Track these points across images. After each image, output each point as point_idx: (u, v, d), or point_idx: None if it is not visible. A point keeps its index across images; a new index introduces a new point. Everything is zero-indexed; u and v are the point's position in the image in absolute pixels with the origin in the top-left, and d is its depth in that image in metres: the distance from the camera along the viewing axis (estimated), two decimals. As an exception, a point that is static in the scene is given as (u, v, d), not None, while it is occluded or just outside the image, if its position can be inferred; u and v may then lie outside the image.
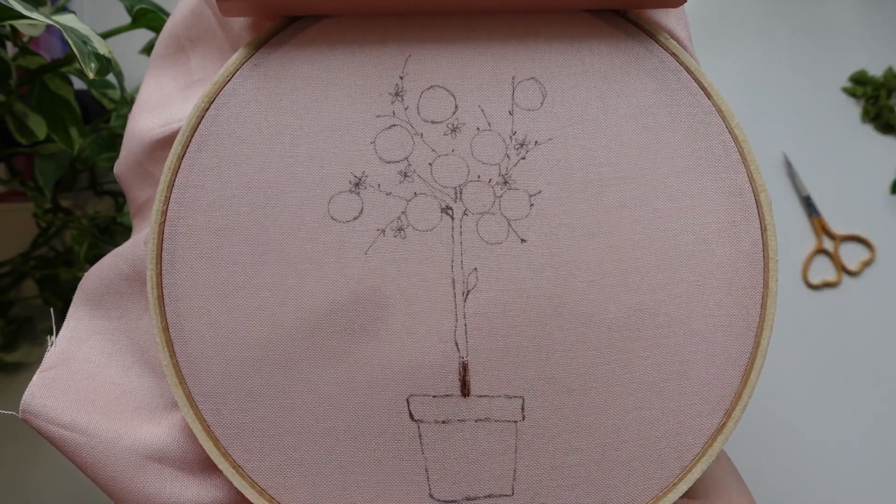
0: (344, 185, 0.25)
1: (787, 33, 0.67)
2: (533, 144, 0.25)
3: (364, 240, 0.25)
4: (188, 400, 0.24)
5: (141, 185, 0.29)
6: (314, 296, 0.24)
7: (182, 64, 0.29)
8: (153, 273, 0.24)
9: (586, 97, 0.25)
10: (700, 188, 0.25)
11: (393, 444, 0.24)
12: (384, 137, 0.25)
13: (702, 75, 0.26)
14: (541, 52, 0.26)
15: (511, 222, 0.25)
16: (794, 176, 0.62)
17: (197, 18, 0.28)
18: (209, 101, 0.25)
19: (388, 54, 0.25)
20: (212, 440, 0.23)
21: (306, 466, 0.24)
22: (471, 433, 0.24)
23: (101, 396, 0.25)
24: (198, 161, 0.25)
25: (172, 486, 0.24)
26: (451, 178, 0.25)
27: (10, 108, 0.41)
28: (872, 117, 0.63)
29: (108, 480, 0.23)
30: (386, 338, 0.24)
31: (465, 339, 0.24)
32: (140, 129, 0.28)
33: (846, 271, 0.60)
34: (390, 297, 0.24)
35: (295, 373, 0.24)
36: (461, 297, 0.25)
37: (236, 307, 0.24)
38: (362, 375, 0.24)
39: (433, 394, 0.24)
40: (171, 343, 0.24)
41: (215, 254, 0.24)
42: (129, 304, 0.27)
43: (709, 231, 0.25)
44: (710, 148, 0.25)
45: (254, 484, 0.24)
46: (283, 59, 0.25)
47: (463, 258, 0.25)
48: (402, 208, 0.25)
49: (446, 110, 0.25)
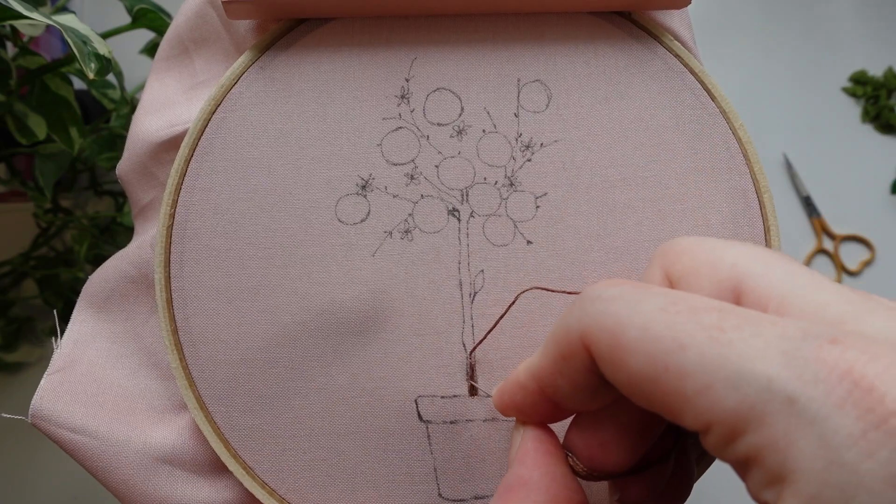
0: (351, 188, 0.25)
1: (787, 34, 0.67)
2: (538, 146, 0.25)
3: (371, 242, 0.25)
4: (198, 402, 0.24)
5: (144, 187, 0.29)
6: (322, 298, 0.24)
7: (186, 66, 0.29)
8: (162, 276, 0.24)
9: (591, 99, 0.26)
10: (704, 189, 0.25)
11: (402, 445, 0.24)
12: (391, 140, 0.25)
13: (706, 77, 0.26)
14: (546, 55, 0.26)
15: (517, 224, 0.25)
16: (795, 176, 0.63)
17: (201, 20, 0.28)
18: (216, 105, 0.25)
19: (393, 57, 0.25)
20: (222, 442, 0.24)
21: (316, 468, 0.24)
22: (479, 433, 0.24)
23: (109, 399, 0.25)
24: (205, 164, 0.25)
25: (184, 487, 0.24)
26: (458, 181, 0.25)
27: (10, 108, 0.40)
28: (872, 117, 0.64)
29: (120, 483, 0.23)
30: (394, 339, 0.24)
31: (472, 339, 0.24)
32: (144, 130, 0.28)
33: (846, 271, 0.61)
34: (398, 299, 0.24)
35: (304, 375, 0.24)
36: (468, 299, 0.25)
37: (245, 310, 0.24)
38: (371, 377, 0.24)
39: (441, 394, 0.24)
40: (180, 346, 0.24)
41: (223, 257, 0.24)
42: (135, 306, 0.27)
43: (712, 232, 0.25)
44: (713, 149, 0.25)
45: (264, 485, 0.24)
46: (289, 62, 0.25)
47: (470, 260, 0.25)
48: (409, 210, 0.25)
49: (452, 112, 0.25)
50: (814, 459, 0.11)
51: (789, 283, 0.14)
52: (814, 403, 0.11)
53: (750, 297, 0.14)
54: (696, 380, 0.12)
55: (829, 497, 0.11)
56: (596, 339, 0.14)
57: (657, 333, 0.13)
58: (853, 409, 0.11)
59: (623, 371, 0.14)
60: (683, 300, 0.14)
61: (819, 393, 0.11)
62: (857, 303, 0.13)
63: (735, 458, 0.12)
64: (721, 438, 0.12)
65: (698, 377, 0.12)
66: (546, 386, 0.16)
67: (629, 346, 0.13)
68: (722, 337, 0.12)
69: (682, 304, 0.13)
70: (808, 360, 0.11)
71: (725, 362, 0.12)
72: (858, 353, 0.11)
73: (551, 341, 0.16)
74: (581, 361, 0.15)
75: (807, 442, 0.11)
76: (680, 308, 0.13)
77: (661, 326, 0.13)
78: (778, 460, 0.11)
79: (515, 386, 0.17)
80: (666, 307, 0.13)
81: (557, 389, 0.16)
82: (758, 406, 0.12)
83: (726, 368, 0.12)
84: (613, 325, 0.14)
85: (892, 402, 0.11)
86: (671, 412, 0.13)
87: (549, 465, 0.16)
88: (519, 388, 0.17)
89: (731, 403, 0.12)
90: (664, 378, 0.13)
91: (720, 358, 0.12)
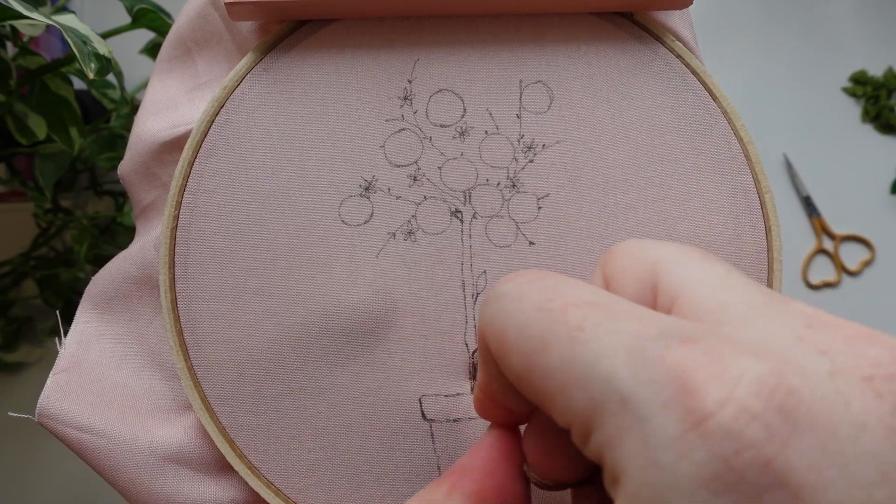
0: (354, 189, 0.25)
1: (788, 34, 0.67)
2: (540, 147, 0.25)
3: (374, 243, 0.25)
4: (203, 403, 0.24)
5: (146, 188, 0.29)
6: (326, 299, 0.24)
7: (188, 67, 0.29)
8: (166, 278, 0.24)
9: (593, 100, 0.26)
10: (705, 190, 0.25)
11: (406, 444, 0.24)
12: (393, 141, 0.25)
13: (707, 77, 0.26)
14: (548, 55, 0.26)
15: (519, 225, 0.25)
16: (795, 176, 0.63)
17: (203, 21, 0.28)
18: (219, 106, 0.25)
19: (396, 58, 0.26)
20: (228, 442, 0.24)
21: (320, 467, 0.24)
22: (481, 431, 0.24)
23: (115, 398, 0.25)
24: (208, 166, 0.25)
25: (191, 486, 0.24)
26: (460, 182, 0.25)
27: (10, 108, 0.40)
28: (872, 117, 0.64)
29: (128, 483, 0.23)
30: (397, 340, 0.24)
31: (474, 339, 0.24)
32: (146, 131, 0.28)
33: (846, 271, 0.61)
34: (401, 300, 0.24)
35: (308, 375, 0.24)
36: (471, 300, 0.25)
37: (249, 310, 0.24)
38: (374, 377, 0.24)
39: (444, 393, 0.24)
40: (185, 346, 0.24)
41: (227, 258, 0.24)
42: (139, 307, 0.27)
43: (714, 232, 0.25)
44: (715, 150, 0.25)
45: (269, 484, 0.24)
46: (292, 64, 0.25)
47: (472, 261, 0.25)
48: (412, 212, 0.25)
49: (455, 114, 0.25)
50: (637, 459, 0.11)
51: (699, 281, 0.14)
52: (643, 403, 0.11)
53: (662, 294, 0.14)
54: (556, 379, 0.12)
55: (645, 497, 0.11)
56: (490, 342, 0.14)
57: (530, 333, 0.13)
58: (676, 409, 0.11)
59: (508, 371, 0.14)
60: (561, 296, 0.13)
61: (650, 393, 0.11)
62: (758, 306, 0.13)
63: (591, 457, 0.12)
64: (578, 437, 0.12)
65: (557, 376, 0.12)
66: (484, 387, 0.16)
67: (509, 346, 0.13)
68: (580, 336, 0.12)
69: (558, 301, 0.13)
70: (649, 359, 0.11)
71: (578, 362, 0.12)
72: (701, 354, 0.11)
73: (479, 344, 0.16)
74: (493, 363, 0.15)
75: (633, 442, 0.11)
76: (554, 305, 0.13)
77: (535, 326, 0.13)
78: (612, 459, 0.11)
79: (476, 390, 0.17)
80: (542, 304, 0.13)
81: (493, 391, 0.16)
82: (599, 405, 0.12)
83: (579, 368, 0.12)
84: (501, 324, 0.14)
85: (712, 404, 0.10)
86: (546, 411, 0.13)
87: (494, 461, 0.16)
88: (477, 392, 0.17)
89: (581, 403, 0.12)
90: (534, 377, 0.13)
91: (574, 358, 0.12)
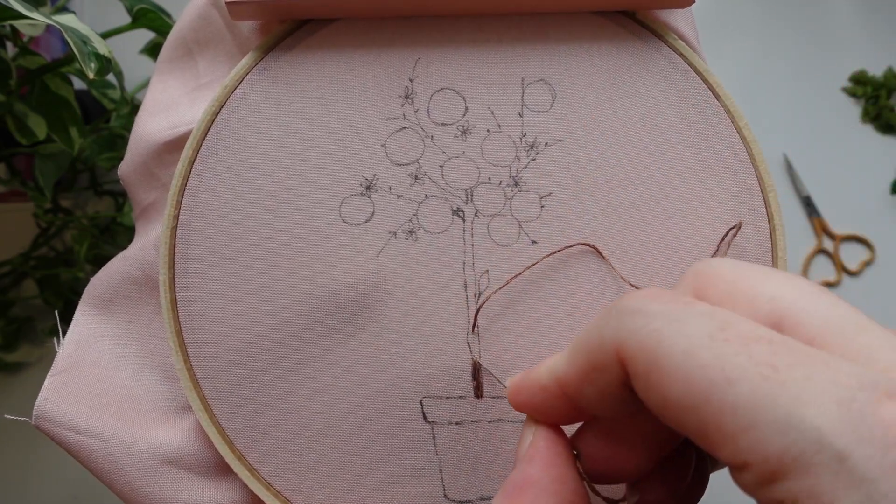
0: (355, 188, 0.25)
1: (788, 34, 0.67)
2: (543, 146, 0.25)
3: (375, 242, 0.25)
4: (203, 404, 0.24)
5: (146, 188, 0.29)
6: (326, 299, 0.24)
7: (189, 67, 0.29)
8: (166, 278, 0.24)
9: (595, 98, 0.26)
10: (709, 189, 0.25)
11: (407, 446, 0.24)
12: (395, 140, 0.25)
13: (710, 76, 0.26)
14: (550, 54, 0.26)
15: (522, 224, 0.25)
16: (795, 176, 0.63)
17: (204, 21, 0.28)
18: (219, 106, 0.25)
19: (397, 57, 0.25)
20: (227, 444, 0.23)
21: (321, 469, 0.24)
22: (484, 434, 0.24)
23: (113, 400, 0.25)
24: (209, 165, 0.25)
25: (190, 489, 0.24)
26: (462, 181, 0.25)
27: (10, 108, 0.40)
28: (872, 117, 0.64)
29: (125, 486, 0.23)
30: (398, 340, 0.24)
31: (477, 340, 0.24)
32: (147, 131, 0.28)
33: (846, 271, 0.61)
34: (402, 300, 0.24)
35: (309, 376, 0.24)
36: (473, 299, 0.25)
37: (249, 311, 0.24)
38: (375, 378, 0.24)
39: (446, 395, 0.24)
40: (184, 347, 0.24)
41: (227, 258, 0.24)
42: (138, 308, 0.27)
43: (718, 231, 0.25)
44: (718, 148, 0.25)
45: (269, 486, 0.24)
46: (293, 63, 0.25)
47: (475, 260, 0.25)
48: (414, 211, 0.25)
49: (456, 112, 0.25)
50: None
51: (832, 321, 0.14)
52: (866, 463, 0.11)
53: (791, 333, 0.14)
54: (741, 417, 0.12)
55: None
56: (632, 357, 0.14)
57: (703, 362, 0.12)
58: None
59: (659, 394, 0.13)
60: (732, 326, 0.13)
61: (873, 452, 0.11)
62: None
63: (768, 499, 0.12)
64: (757, 479, 0.12)
65: (743, 415, 0.12)
66: (571, 392, 0.16)
67: (670, 371, 0.13)
68: (775, 376, 0.12)
69: (732, 331, 0.13)
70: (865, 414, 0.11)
71: (775, 404, 0.12)
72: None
73: (582, 349, 0.15)
74: (614, 374, 0.14)
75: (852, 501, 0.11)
76: (729, 335, 0.13)
77: (708, 355, 0.12)
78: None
79: (535, 386, 0.17)
80: (714, 333, 0.13)
81: (583, 397, 0.15)
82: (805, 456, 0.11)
83: (775, 411, 0.11)
84: (654, 345, 0.13)
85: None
86: (706, 443, 0.13)
87: (559, 468, 0.16)
88: (539, 390, 0.16)
89: (775, 448, 0.11)
90: (704, 409, 0.12)
91: (769, 398, 0.12)
